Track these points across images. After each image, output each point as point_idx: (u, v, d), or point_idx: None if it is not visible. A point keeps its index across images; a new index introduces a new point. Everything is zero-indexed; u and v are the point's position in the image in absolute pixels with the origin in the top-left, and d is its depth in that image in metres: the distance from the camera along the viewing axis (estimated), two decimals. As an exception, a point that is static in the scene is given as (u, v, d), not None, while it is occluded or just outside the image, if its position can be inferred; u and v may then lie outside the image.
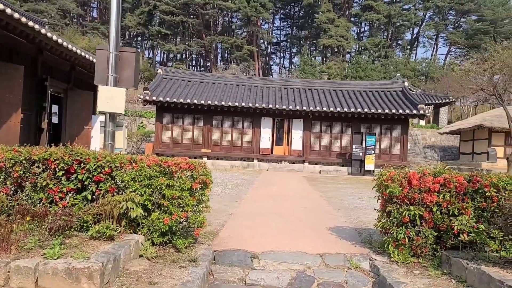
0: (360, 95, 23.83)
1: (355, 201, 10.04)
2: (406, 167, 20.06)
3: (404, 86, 24.37)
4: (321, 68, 56.79)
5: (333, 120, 22.67)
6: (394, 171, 5.09)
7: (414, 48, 69.47)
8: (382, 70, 55.11)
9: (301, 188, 12.91)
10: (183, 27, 67.63)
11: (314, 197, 10.68)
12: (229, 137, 23.19)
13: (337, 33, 57.47)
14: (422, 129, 34.29)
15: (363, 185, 14.99)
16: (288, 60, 78.45)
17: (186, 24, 64.63)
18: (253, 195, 10.33)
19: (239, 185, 12.79)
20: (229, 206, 8.31)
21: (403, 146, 22.55)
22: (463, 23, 63.55)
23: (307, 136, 22.98)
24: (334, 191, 12.41)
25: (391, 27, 64.67)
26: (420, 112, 21.13)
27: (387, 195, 4.97)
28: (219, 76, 28.18)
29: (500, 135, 28.11)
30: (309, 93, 24.12)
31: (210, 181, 5.11)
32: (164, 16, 60.37)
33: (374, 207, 9.22)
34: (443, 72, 53.78)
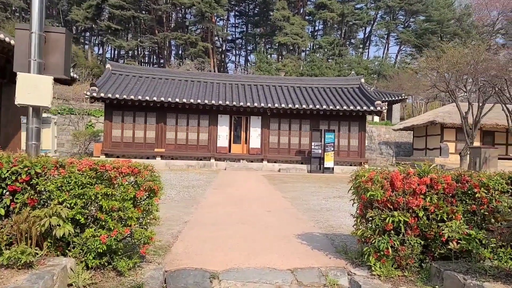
0: (318, 92, 23.53)
1: (320, 201, 9.45)
2: (364, 163, 19.95)
3: (361, 83, 24.35)
4: (277, 65, 56.61)
5: (291, 117, 22.20)
6: (373, 171, 4.44)
7: (367, 47, 71.06)
8: (337, 68, 55.81)
9: (262, 189, 12.20)
10: (134, 22, 65.09)
11: (276, 198, 9.99)
12: (184, 136, 22.11)
13: (292, 31, 57.51)
14: (377, 125, 34.78)
15: (324, 183, 14.55)
16: (243, 57, 77.85)
17: (138, 19, 62.26)
18: (211, 198, 9.47)
19: (195, 186, 11.87)
20: (184, 213, 7.42)
21: (361, 143, 22.48)
22: (412, 23, 65.72)
23: (266, 134, 22.37)
24: (297, 191, 11.81)
25: (345, 26, 65.75)
26: (377, 108, 21.10)
27: (366, 199, 4.32)
28: (173, 72, 26.95)
29: (451, 131, 28.92)
30: (267, 90, 23.52)
31: (159, 187, 4.22)
32: (114, 11, 57.71)
33: (340, 208, 8.70)
34: (394, 70, 55.31)
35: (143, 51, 70.11)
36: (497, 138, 29.58)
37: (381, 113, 21.95)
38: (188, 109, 21.40)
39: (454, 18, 58.88)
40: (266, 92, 23.18)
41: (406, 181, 4.24)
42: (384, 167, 4.74)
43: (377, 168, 4.80)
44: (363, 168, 4.73)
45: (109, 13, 61.39)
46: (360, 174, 4.52)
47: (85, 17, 57.51)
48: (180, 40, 60.28)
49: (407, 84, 45.20)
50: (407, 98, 43.26)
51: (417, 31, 60.53)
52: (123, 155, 21.55)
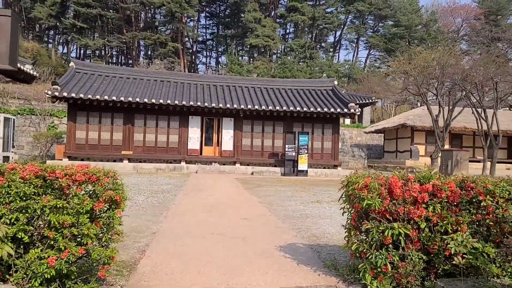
0: (291, 94, 23.17)
1: (298, 207, 8.96)
2: (338, 166, 19.63)
3: (334, 85, 24.20)
4: (249, 67, 56.18)
5: (265, 119, 21.72)
6: (369, 177, 3.95)
7: (337, 51, 71.82)
8: (308, 71, 55.97)
9: (236, 193, 11.60)
10: (101, 21, 63.15)
11: (252, 203, 9.43)
12: (154, 138, 21.21)
13: (263, 33, 57.29)
14: (348, 128, 34.89)
15: (299, 187, 14.11)
16: (214, 59, 77.02)
17: (105, 18, 60.41)
18: (182, 205, 8.79)
19: (165, 191, 11.14)
20: (153, 222, 6.74)
21: (335, 145, 22.27)
22: (381, 27, 66.93)
23: (238, 136, 21.78)
24: (272, 195, 11.29)
25: (315, 29, 66.18)
26: (351, 110, 20.94)
27: (361, 208, 3.82)
28: (141, 71, 25.94)
29: (421, 134, 29.29)
30: (240, 91, 22.95)
31: (123, 197, 3.56)
32: (79, 8, 55.73)
33: (321, 214, 8.23)
34: (364, 74, 56.04)
35: (110, 51, 68.17)
36: (465, 141, 30.19)
37: (355, 115, 21.83)
38: (158, 110, 20.55)
39: (421, 23, 60.34)
40: (238, 93, 22.61)
41: (406, 189, 3.78)
42: (360, 169, 4.28)
43: (366, 172, 4.31)
44: (355, 172, 4.23)
45: (74, 11, 59.31)
46: (353, 180, 4.02)
47: (49, 15, 55.26)
48: (149, 40, 58.89)
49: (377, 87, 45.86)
50: (377, 101, 43.75)
51: (386, 35, 61.64)
52: (88, 158, 20.44)
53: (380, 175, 4.11)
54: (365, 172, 4.19)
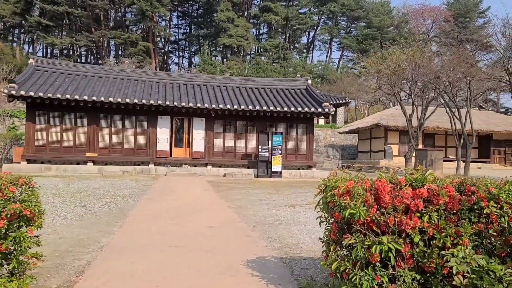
0: (265, 93, 22.53)
1: (271, 212, 8.27)
2: (312, 167, 19.12)
3: (308, 84, 23.72)
4: (222, 67, 55.34)
5: (237, 118, 20.99)
6: (351, 180, 3.28)
7: (311, 51, 71.86)
8: (282, 71, 55.64)
9: (205, 197, 10.82)
10: (69, 19, 61.05)
11: (221, 208, 8.68)
12: (120, 139, 20.13)
13: (237, 33, 56.61)
14: (323, 128, 34.59)
15: (273, 189, 13.44)
16: (187, 59, 75.72)
17: (73, 16, 58.38)
18: (143, 211, 7.95)
19: (127, 196, 10.23)
20: (104, 232, 5.89)
21: (309, 146, 21.75)
22: (353, 28, 67.37)
23: (210, 137, 20.96)
24: (244, 198, 10.56)
25: (289, 30, 66.00)
26: (326, 110, 20.48)
27: (342, 218, 3.15)
28: (108, 69, 24.71)
29: (395, 133, 29.24)
30: (211, 90, 22.13)
31: (38, 212, 2.75)
32: (45, 5, 53.57)
33: (294, 220, 7.53)
34: (337, 74, 56.18)
35: (79, 50, 65.93)
36: (437, 141, 30.37)
37: (329, 115, 21.38)
38: (124, 109, 19.50)
39: (393, 25, 61.07)
40: (210, 92, 21.80)
41: (395, 194, 3.12)
42: (340, 171, 3.62)
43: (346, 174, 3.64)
44: (333, 174, 3.55)
45: (40, 9, 57.03)
46: (332, 185, 3.34)
47: (13, 12, 52.88)
48: (119, 39, 57.23)
49: (350, 88, 45.97)
50: (350, 102, 43.75)
51: (359, 36, 62.04)
52: (49, 160, 19.18)
53: (363, 177, 3.45)
54: (346, 175, 3.52)
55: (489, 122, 29.82)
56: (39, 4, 54.44)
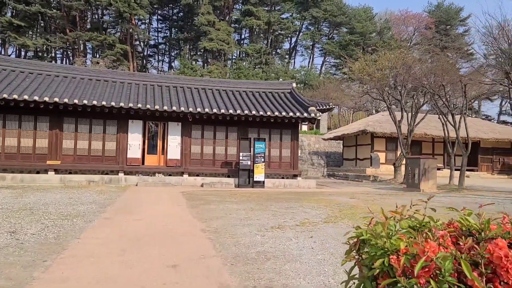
0: (246, 96, 20.98)
1: (254, 238, 6.64)
2: (298, 176, 17.53)
3: (293, 87, 22.30)
4: (202, 72, 53.67)
5: (217, 123, 19.35)
6: (421, 234, 1.69)
7: (293, 57, 70.95)
8: (264, 77, 54.40)
9: (175, 216, 9.11)
10: (43, 20, 58.49)
11: (193, 233, 7.01)
12: (86, 145, 18.20)
13: (218, 37, 55.13)
14: (306, 135, 33.24)
15: (255, 203, 11.83)
16: (167, 63, 73.74)
17: (46, 16, 55.87)
18: (89, 240, 6.21)
19: (80, 215, 8.45)
20: (15, 283, 4.13)
21: (294, 153, 20.25)
22: (336, 34, 66.77)
23: (187, 143, 19.24)
24: (222, 217, 8.91)
25: (271, 35, 64.91)
26: (311, 115, 19.03)
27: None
28: (74, 68, 22.69)
29: (381, 140, 28.08)
30: (189, 93, 20.45)
31: None
32: (17, 5, 51.06)
33: (286, 251, 5.67)
34: (320, 80, 55.26)
35: (54, 51, 63.23)
36: (424, 148, 29.35)
37: (315, 120, 19.94)
38: (92, 112, 17.62)
39: (376, 31, 60.66)
40: (187, 95, 20.10)
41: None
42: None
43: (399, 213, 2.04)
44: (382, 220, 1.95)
45: (12, 8, 54.44)
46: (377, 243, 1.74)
47: (-17, 12, 50.18)
48: (95, 41, 55.01)
49: (333, 94, 44.95)
50: (334, 107, 42.67)
51: (341, 42, 61.40)
52: (4, 169, 17.10)
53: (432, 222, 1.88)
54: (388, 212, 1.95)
55: (476, 129, 28.99)
56: (11, 3, 51.75)
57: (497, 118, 55.77)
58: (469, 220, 1.87)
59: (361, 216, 9.44)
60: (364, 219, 2.09)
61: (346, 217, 9.22)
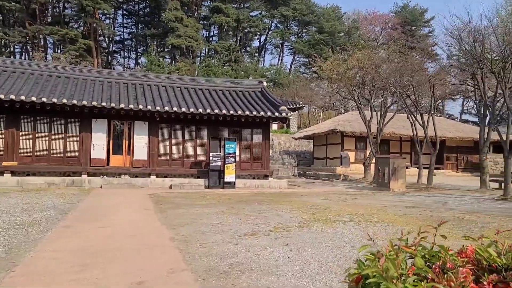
0: (216, 95, 20.48)
1: (227, 246, 6.24)
2: (269, 176, 17.23)
3: (263, 86, 21.98)
4: (170, 69, 52.61)
5: (186, 123, 18.76)
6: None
7: (262, 55, 70.78)
8: (233, 75, 53.90)
9: (142, 223, 8.56)
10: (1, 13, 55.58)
11: (160, 243, 6.52)
12: (46, 145, 17.19)
13: (186, 33, 54.12)
14: (277, 134, 33.06)
15: (226, 205, 11.41)
16: (133, 60, 71.89)
17: (5, 9, 53.11)
18: (43, 255, 5.61)
19: (36, 223, 7.77)
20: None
21: (265, 153, 19.95)
22: (305, 33, 67.08)
23: (154, 143, 18.54)
24: (192, 223, 8.45)
25: (240, 32, 64.48)
26: (283, 114, 18.78)
27: None
28: (32, 63, 21.45)
29: (351, 140, 28.25)
30: (156, 91, 19.73)
31: None
32: (-29, -3, 48.29)
33: (260, 263, 5.27)
34: (289, 79, 55.32)
35: (12, 46, 60.22)
36: (392, 147, 29.77)
37: (287, 119, 19.71)
38: (52, 111, 16.63)
39: (344, 30, 61.32)
40: (154, 93, 19.38)
41: None
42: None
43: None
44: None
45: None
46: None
47: None
48: (57, 36, 52.78)
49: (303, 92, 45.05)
50: (304, 106, 42.77)
51: (310, 41, 61.71)
52: (-45, 172, 15.88)
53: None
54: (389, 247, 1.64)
55: (442, 128, 29.65)
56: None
57: (459, 117, 57.69)
58: (490, 253, 1.58)
59: (335, 219, 9.21)
60: (364, 248, 1.76)
61: (321, 220, 8.96)
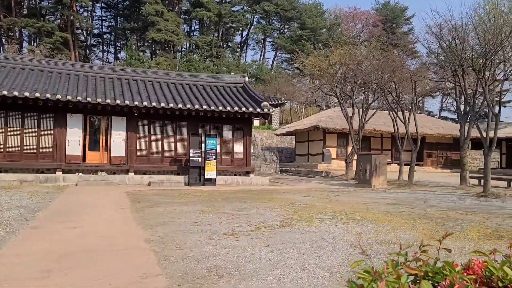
0: (197, 90, 20.06)
1: (205, 248, 5.94)
2: (250, 173, 16.94)
3: (245, 81, 21.67)
4: (150, 63, 51.66)
5: (165, 118, 18.30)
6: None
7: (244, 51, 70.28)
8: (215, 70, 53.34)
9: (117, 223, 8.18)
10: (-28, 4, 53.53)
11: (135, 245, 6.17)
12: (18, 141, 16.51)
13: (166, 28, 53.23)
14: (258, 130, 32.81)
15: (206, 203, 11.10)
16: (112, 54, 70.41)
17: (-23, 1, 51.23)
18: (6, 260, 5.20)
19: (2, 223, 7.31)
20: None
21: (247, 149, 19.66)
22: (287, 29, 66.88)
23: (132, 139, 18.03)
24: (169, 222, 8.11)
25: (222, 27, 63.82)
26: (265, 110, 18.52)
27: None
28: (4, 56, 20.59)
29: (333, 136, 28.22)
30: (134, 85, 19.19)
31: None
32: None
33: (239, 266, 4.98)
34: (271, 75, 55.10)
35: (-14, 39, 58.17)
36: (373, 144, 29.89)
37: (269, 115, 19.46)
38: (24, 105, 15.95)
39: (326, 27, 61.37)
40: (133, 87, 18.84)
41: None
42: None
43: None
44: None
45: None
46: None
47: None
48: (32, 28, 51.17)
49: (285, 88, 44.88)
50: (286, 103, 42.64)
51: (292, 37, 61.55)
52: None
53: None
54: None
55: (422, 125, 29.88)
56: None
57: (439, 114, 58.57)
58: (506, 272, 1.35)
59: (317, 217, 9.01)
60: (357, 264, 1.51)
61: (303, 219, 8.74)
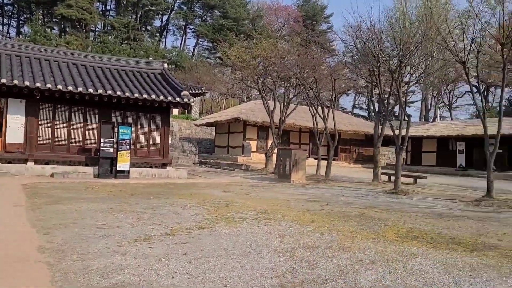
0: (110, 74, 18.49)
1: (113, 258, 5.14)
2: (168, 165, 16.08)
3: (164, 68, 20.52)
4: (59, 41, 47.29)
5: (73, 103, 16.57)
6: None
7: (164, 36, 67.73)
8: (132, 54, 50.56)
9: (5, 226, 6.93)
10: None
11: (24, 256, 5.15)
12: None
13: (78, 4, 49.24)
14: (177, 119, 31.64)
15: (117, 200, 10.10)
16: (15, 28, 63.43)
17: None
18: None
19: None
20: None
21: (164, 140, 18.63)
22: (209, 17, 65.67)
23: (33, 125, 16.06)
24: (72, 223, 7.09)
25: (141, 10, 60.77)
26: (185, 100, 17.65)
27: None
28: None
29: (253, 129, 28.17)
30: (37, 64, 17.10)
31: None
32: None
33: (152, 279, 4.42)
34: (192, 62, 53.77)
35: None
36: (292, 138, 30.45)
37: (189, 105, 18.61)
38: None
39: (249, 18, 61.31)
40: (34, 67, 16.76)
41: None
42: None
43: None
44: None
45: None
46: None
47: None
48: None
49: (205, 77, 43.99)
50: (207, 92, 41.80)
51: (215, 26, 60.58)
52: None
53: None
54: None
55: (338, 121, 30.97)
56: None
57: (351, 111, 61.90)
58: None
59: (238, 216, 8.59)
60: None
61: (223, 218, 8.25)
